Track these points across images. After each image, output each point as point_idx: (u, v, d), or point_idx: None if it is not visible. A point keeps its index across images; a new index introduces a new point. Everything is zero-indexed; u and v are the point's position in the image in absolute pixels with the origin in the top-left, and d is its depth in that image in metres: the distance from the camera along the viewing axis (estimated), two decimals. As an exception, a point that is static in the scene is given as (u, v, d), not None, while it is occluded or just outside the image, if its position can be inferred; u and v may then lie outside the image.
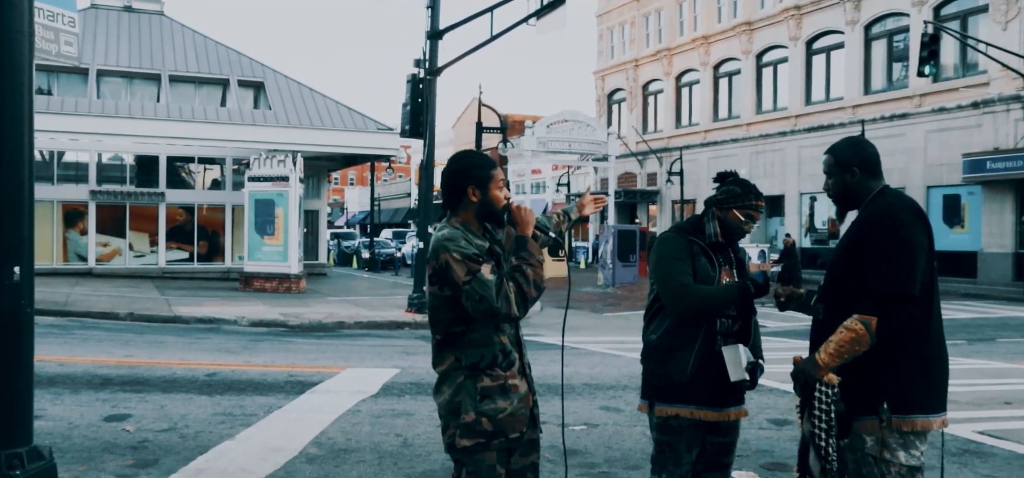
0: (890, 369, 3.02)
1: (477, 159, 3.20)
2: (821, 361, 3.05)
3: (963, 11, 27.70)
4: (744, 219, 3.60)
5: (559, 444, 6.37)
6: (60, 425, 6.51)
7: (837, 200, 3.30)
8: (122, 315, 14.83)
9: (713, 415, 3.55)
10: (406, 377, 9.12)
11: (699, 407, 3.52)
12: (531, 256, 3.02)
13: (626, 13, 44.65)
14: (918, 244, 2.98)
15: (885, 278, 2.94)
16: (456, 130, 63.79)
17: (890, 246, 2.96)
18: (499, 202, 3.12)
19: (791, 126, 33.97)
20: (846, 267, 3.11)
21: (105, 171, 25.40)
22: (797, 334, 14.42)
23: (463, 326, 3.07)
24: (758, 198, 3.62)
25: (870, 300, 2.96)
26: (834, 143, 3.37)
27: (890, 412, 3.00)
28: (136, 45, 25.85)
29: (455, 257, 2.97)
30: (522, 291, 2.96)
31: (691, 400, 3.51)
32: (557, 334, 4.52)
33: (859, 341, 2.96)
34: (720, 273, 3.61)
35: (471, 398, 3.06)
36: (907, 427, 3.01)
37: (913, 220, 3.02)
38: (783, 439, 6.68)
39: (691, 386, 3.49)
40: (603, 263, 27.41)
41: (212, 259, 26.06)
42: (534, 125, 31.91)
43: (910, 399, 3.02)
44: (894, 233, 2.98)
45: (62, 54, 10.31)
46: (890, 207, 3.06)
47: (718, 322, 3.55)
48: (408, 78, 16.40)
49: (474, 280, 2.93)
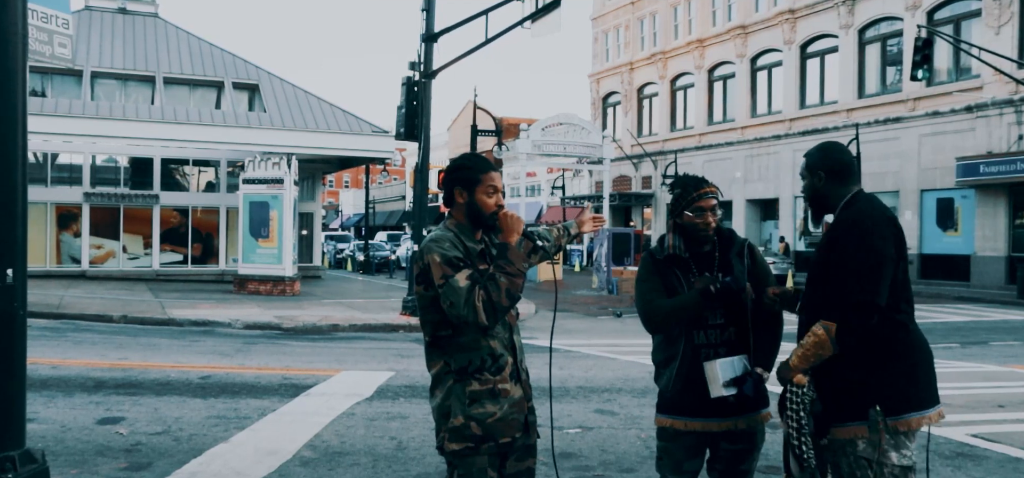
0: (877, 373, 3.05)
1: (469, 161, 3.16)
2: (792, 364, 3.14)
3: (956, 15, 27.83)
4: (697, 216, 3.53)
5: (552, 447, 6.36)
6: (53, 428, 6.49)
7: (809, 203, 3.38)
8: (116, 318, 14.78)
9: (711, 426, 3.56)
10: (401, 380, 9.11)
11: (688, 418, 3.58)
12: (509, 264, 2.94)
13: (621, 16, 44.73)
14: (883, 254, 3.01)
15: (848, 288, 2.99)
16: (451, 133, 63.81)
17: (856, 256, 3.00)
18: (487, 207, 3.07)
19: (785, 129, 34.06)
20: (820, 275, 3.18)
21: (99, 173, 25.33)
22: (792, 337, 14.45)
23: (450, 329, 3.05)
24: (701, 187, 3.55)
25: (833, 308, 3.03)
26: (809, 148, 3.41)
27: (883, 414, 3.03)
28: (130, 47, 25.80)
29: (436, 259, 2.95)
30: (491, 300, 2.89)
31: (678, 412, 3.61)
32: (559, 336, 4.51)
33: (822, 346, 3.03)
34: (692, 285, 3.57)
35: (460, 402, 3.05)
36: (903, 427, 3.03)
37: (879, 228, 3.04)
38: (778, 442, 6.68)
39: (676, 399, 3.60)
40: (598, 266, 27.42)
41: (206, 262, 26.00)
42: (529, 128, 31.91)
43: (902, 399, 3.05)
44: (858, 243, 3.02)
45: (56, 56, 10.29)
46: (857, 216, 3.10)
47: (697, 335, 3.54)
48: (403, 81, 16.40)
49: (446, 284, 2.91)
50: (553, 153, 32.61)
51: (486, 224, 3.10)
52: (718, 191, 3.62)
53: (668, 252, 3.59)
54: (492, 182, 3.08)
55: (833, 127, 31.33)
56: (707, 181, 3.60)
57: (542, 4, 16.00)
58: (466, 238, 3.07)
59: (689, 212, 3.55)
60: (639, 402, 8.16)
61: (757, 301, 3.59)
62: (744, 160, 36.04)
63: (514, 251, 2.97)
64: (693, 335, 3.56)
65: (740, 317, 3.58)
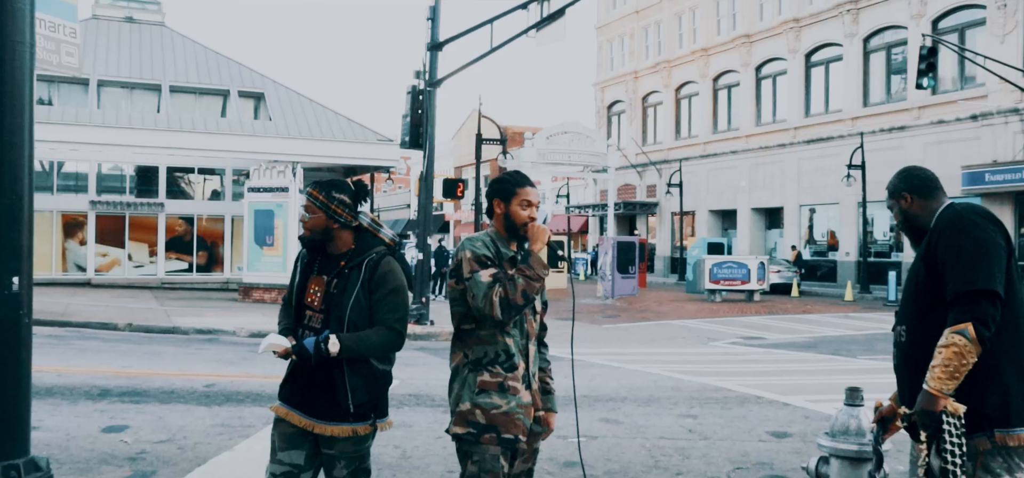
0: (987, 381, 2.85)
1: (508, 176, 3.49)
2: (934, 390, 2.81)
3: (961, 24, 27.81)
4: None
5: (557, 456, 6.36)
6: (58, 436, 6.49)
7: (906, 231, 3.24)
8: (121, 325, 14.80)
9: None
10: (405, 388, 9.10)
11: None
12: (529, 268, 3.22)
13: (626, 25, 44.79)
14: (992, 242, 2.86)
15: (964, 278, 2.81)
16: (456, 141, 63.86)
17: (964, 246, 2.85)
18: (519, 218, 3.37)
19: (790, 138, 34.03)
20: (924, 280, 2.99)
21: (105, 181, 25.42)
22: (798, 346, 14.41)
23: (473, 323, 3.31)
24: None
25: (956, 308, 2.81)
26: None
27: (992, 427, 2.84)
28: (137, 56, 25.91)
29: (468, 255, 3.28)
30: (507, 297, 3.16)
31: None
32: (560, 345, 4.52)
33: (963, 352, 2.77)
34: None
35: (470, 390, 3.30)
36: (1012, 442, 2.83)
37: (985, 221, 2.93)
38: (783, 451, 6.66)
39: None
40: (602, 275, 27.39)
41: (211, 270, 26.05)
42: (533, 137, 31.94)
43: (1013, 411, 2.85)
44: (965, 233, 2.88)
45: (63, 64, 10.34)
46: (959, 211, 2.99)
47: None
48: (408, 90, 16.43)
49: (471, 278, 3.22)
50: (558, 162, 32.64)
51: (518, 233, 3.39)
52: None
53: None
54: (526, 196, 3.38)
55: (838, 136, 31.29)
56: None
57: (547, 13, 16.04)
58: (500, 244, 3.37)
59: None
60: (644, 411, 8.14)
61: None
62: (749, 169, 36.00)
63: (536, 258, 3.27)
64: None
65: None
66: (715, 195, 37.89)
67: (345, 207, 3.38)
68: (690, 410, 8.26)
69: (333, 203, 3.35)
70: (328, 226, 3.36)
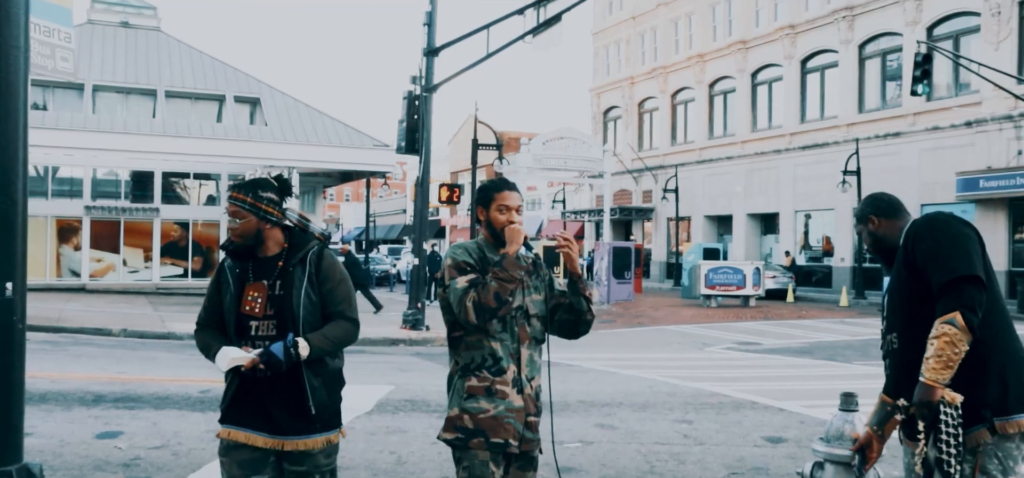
0: (980, 373, 2.91)
1: (487, 183, 3.47)
2: (929, 380, 2.85)
3: (956, 31, 27.92)
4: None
5: (552, 461, 6.34)
6: (51, 442, 6.46)
7: (876, 252, 3.33)
8: (115, 331, 14.76)
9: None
10: (400, 394, 9.09)
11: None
12: (502, 270, 3.18)
13: (622, 31, 44.88)
14: (965, 234, 2.98)
15: (946, 268, 2.89)
16: (452, 147, 63.87)
17: (941, 241, 2.96)
18: (498, 222, 3.34)
19: (786, 144, 34.11)
20: (908, 284, 3.06)
21: (100, 186, 25.37)
22: (793, 351, 14.43)
23: (461, 329, 3.29)
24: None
25: (942, 299, 2.87)
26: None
27: (991, 417, 2.88)
28: (132, 61, 25.88)
29: (449, 262, 3.29)
30: (480, 301, 3.13)
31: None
32: (558, 350, 4.57)
33: (955, 342, 2.81)
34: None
35: (458, 395, 3.27)
36: (1012, 429, 2.88)
37: (954, 219, 3.06)
38: (778, 456, 6.66)
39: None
40: (598, 280, 27.40)
41: (207, 275, 25.97)
42: (530, 142, 31.98)
43: (1011, 398, 2.90)
44: (939, 230, 3.00)
45: (58, 69, 10.32)
46: (928, 216, 3.11)
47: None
48: (404, 95, 16.43)
49: (450, 285, 3.23)
50: (554, 167, 32.67)
51: (500, 237, 3.34)
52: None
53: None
54: (503, 201, 3.34)
55: (833, 142, 31.37)
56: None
57: (543, 19, 16.06)
58: (488, 250, 3.34)
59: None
60: (639, 416, 8.14)
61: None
62: (745, 174, 36.07)
63: (510, 260, 3.22)
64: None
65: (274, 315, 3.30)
66: (711, 201, 37.95)
67: (274, 205, 3.25)
68: (685, 415, 8.26)
69: (262, 203, 3.22)
70: (259, 228, 3.23)
